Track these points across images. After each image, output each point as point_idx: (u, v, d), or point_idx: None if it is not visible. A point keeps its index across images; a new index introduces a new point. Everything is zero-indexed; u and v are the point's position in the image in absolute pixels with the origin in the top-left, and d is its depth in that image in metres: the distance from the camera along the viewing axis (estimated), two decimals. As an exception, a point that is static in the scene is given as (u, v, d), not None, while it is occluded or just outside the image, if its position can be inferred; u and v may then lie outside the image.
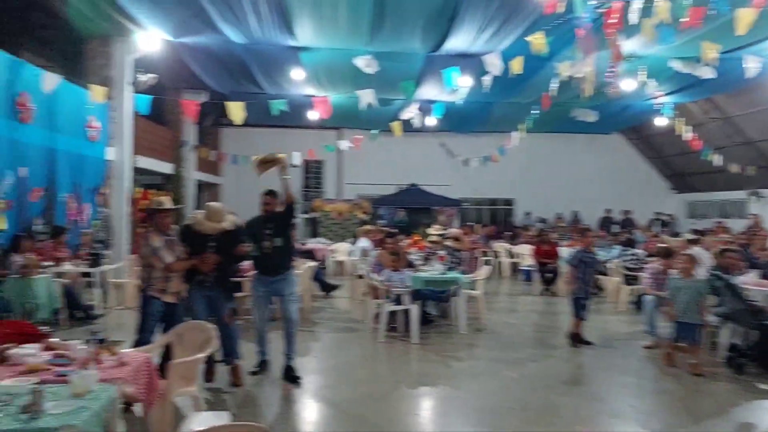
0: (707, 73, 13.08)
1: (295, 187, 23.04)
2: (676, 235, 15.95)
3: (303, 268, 10.28)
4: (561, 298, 12.32)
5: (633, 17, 8.16)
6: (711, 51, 8.52)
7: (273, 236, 6.06)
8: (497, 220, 22.65)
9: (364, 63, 12.91)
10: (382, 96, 16.21)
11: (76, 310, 9.18)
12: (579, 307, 8.02)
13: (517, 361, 7.35)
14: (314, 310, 10.39)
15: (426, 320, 8.77)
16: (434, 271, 9.09)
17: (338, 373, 6.79)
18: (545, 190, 22.40)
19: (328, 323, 9.63)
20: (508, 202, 23.41)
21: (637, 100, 17.55)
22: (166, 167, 16.67)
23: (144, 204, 5.99)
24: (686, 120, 19.11)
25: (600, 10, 8.47)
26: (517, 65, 9.43)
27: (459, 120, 19.77)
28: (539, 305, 11.65)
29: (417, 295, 8.45)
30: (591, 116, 17.78)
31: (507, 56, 10.53)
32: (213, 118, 19.88)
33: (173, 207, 5.80)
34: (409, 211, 20.27)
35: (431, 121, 17.87)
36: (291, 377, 6.13)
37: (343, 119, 20.53)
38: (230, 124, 21.73)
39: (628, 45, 11.30)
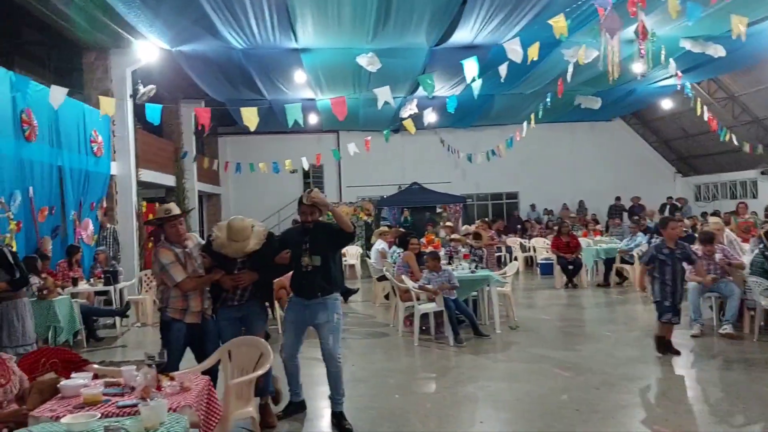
0: (718, 51, 12.92)
1: (297, 193, 22.85)
2: (691, 218, 15.79)
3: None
4: (585, 291, 12.13)
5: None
6: (741, 24, 8.28)
7: (311, 252, 5.08)
8: (502, 214, 22.41)
9: (367, 61, 12.64)
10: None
11: (95, 331, 8.91)
12: (662, 310, 6.93)
13: (564, 358, 7.08)
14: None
15: (458, 321, 8.48)
16: (463, 270, 8.81)
17: (382, 381, 6.50)
18: (549, 181, 22.17)
19: (355, 329, 9.34)
20: (512, 195, 23.19)
21: (642, 83, 17.39)
22: (167, 179, 16.32)
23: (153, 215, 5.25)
24: (694, 101, 19.03)
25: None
26: (534, 51, 9.16)
27: (458, 115, 19.51)
28: (565, 299, 11.39)
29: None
30: (595, 103, 17.59)
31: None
32: (211, 126, 19.50)
33: (183, 212, 5.08)
34: (413, 210, 19.99)
35: (431, 117, 17.62)
36: (341, 426, 5.05)
37: (341, 122, 20.23)
38: (228, 132, 21.61)
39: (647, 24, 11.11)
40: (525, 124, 14.19)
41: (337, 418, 5.11)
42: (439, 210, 20.58)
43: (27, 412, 3.48)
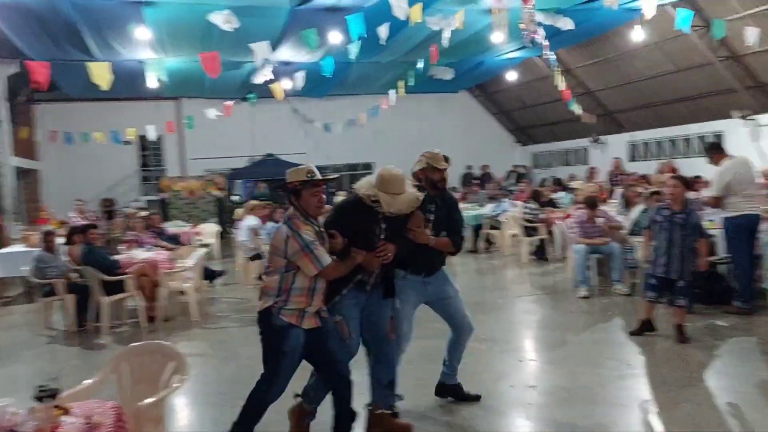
0: (567, 24, 13.39)
1: (132, 167, 20.69)
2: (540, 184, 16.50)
3: (193, 255, 8.88)
4: (455, 258, 12.04)
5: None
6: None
7: (437, 225, 4.30)
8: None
9: (223, 19, 11.41)
10: (231, 59, 14.75)
11: None
12: (645, 284, 6.25)
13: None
14: (208, 302, 9.05)
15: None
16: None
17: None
18: (401, 151, 21.87)
19: (234, 316, 8.37)
20: (368, 166, 22.88)
21: (489, 56, 17.77)
22: (-25, 153, 13.75)
23: (292, 176, 3.81)
24: (533, 73, 19.89)
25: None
26: (416, 13, 8.68)
27: (311, 84, 18.67)
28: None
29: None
30: (448, 74, 17.70)
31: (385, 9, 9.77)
32: (28, 92, 16.85)
33: (331, 177, 4.05)
34: (269, 183, 18.90)
35: (287, 84, 16.65)
36: (466, 395, 4.67)
37: (183, 88, 18.53)
38: (46, 99, 18.83)
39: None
40: (393, 93, 13.80)
41: (459, 388, 4.70)
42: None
43: None
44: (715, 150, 7.13)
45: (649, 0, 9.35)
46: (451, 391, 4.71)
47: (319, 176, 3.82)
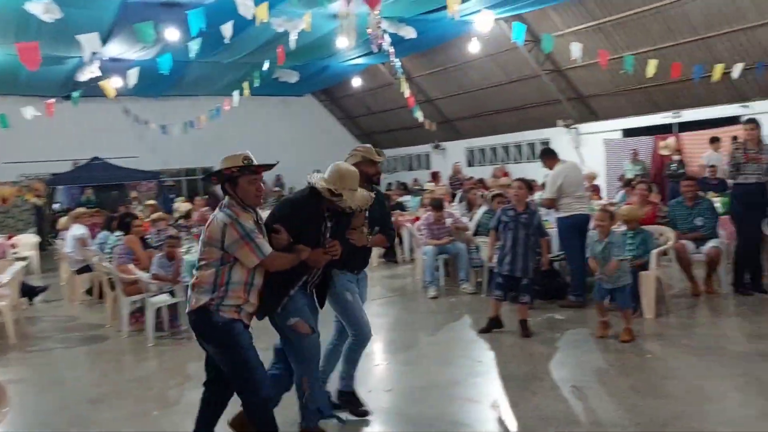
0: (410, 33, 13.77)
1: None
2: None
3: (8, 270, 7.84)
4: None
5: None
6: (455, 3, 8.68)
7: (371, 223, 4.24)
8: (196, 191, 21.02)
9: (43, 8, 10.29)
10: (53, 53, 13.40)
11: None
12: (495, 285, 6.32)
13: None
14: (28, 322, 8.06)
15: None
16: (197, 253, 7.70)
17: (132, 395, 5.20)
18: (244, 156, 21.44)
19: (60, 336, 7.52)
20: (208, 171, 21.93)
21: (335, 60, 17.82)
22: None
23: (227, 162, 3.41)
24: (378, 80, 20.27)
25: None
26: (262, 12, 8.38)
27: (144, 83, 17.49)
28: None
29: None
30: (293, 77, 17.47)
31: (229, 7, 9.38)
32: None
33: (270, 164, 3.64)
34: (97, 189, 17.43)
35: (118, 83, 15.44)
36: (361, 410, 4.44)
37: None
38: None
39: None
40: (236, 94, 13.32)
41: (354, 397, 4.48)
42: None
43: None
44: (548, 155, 7.61)
45: (485, 14, 9.90)
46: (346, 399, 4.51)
47: (256, 162, 3.57)
